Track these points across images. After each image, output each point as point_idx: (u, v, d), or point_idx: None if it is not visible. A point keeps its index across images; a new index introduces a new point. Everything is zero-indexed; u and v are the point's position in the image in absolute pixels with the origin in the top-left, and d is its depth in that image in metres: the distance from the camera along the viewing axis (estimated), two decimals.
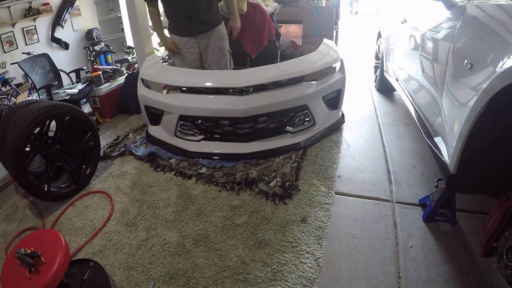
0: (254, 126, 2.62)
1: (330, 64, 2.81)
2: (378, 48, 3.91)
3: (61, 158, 2.32)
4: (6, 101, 4.13)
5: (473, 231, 1.75)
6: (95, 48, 5.50)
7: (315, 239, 1.79)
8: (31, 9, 5.01)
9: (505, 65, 1.23)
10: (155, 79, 2.89)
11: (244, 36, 3.09)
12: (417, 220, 1.89)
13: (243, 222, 1.95)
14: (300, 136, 2.69)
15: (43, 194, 2.21)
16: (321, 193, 2.15)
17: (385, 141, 2.76)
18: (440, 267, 1.59)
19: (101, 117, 3.75)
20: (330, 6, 3.76)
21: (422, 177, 2.25)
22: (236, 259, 1.71)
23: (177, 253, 1.78)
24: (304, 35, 3.82)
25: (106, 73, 4.01)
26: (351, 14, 10.92)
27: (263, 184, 2.24)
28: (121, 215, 2.12)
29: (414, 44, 2.45)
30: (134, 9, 3.16)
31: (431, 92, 2.05)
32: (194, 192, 2.27)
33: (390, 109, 3.43)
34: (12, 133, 2.01)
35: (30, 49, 4.81)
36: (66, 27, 5.66)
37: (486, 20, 1.57)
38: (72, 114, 2.31)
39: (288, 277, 1.58)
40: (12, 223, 2.19)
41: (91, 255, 1.82)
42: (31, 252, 1.33)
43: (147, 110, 2.89)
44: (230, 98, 2.55)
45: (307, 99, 2.62)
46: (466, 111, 1.45)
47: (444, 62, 1.81)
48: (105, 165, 2.72)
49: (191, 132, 2.73)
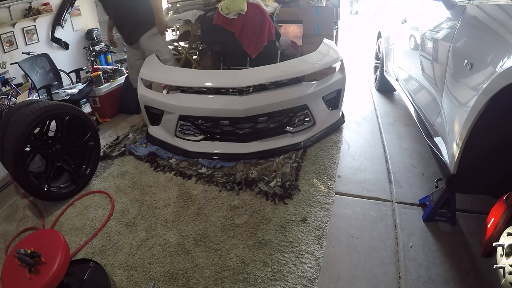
0: (254, 126, 2.62)
1: (330, 64, 2.81)
2: (378, 48, 3.91)
3: (61, 158, 2.32)
4: (6, 101, 4.12)
5: (473, 231, 1.75)
6: (95, 48, 5.50)
7: (315, 239, 1.79)
8: (31, 9, 5.01)
9: (505, 65, 1.23)
10: (155, 79, 2.89)
11: (244, 36, 3.09)
12: (417, 220, 1.89)
13: (243, 222, 1.95)
14: (300, 136, 2.69)
15: (43, 194, 2.21)
16: (321, 193, 2.15)
17: (385, 141, 2.76)
18: (440, 267, 1.59)
19: (101, 117, 3.75)
20: (330, 6, 3.76)
21: (422, 177, 2.25)
22: (236, 259, 1.71)
23: (177, 253, 1.78)
24: (304, 35, 3.81)
25: (106, 73, 4.01)
26: (351, 14, 10.92)
27: (263, 184, 2.24)
28: (121, 215, 2.12)
29: (414, 44, 2.45)
30: None
31: (431, 92, 2.05)
32: (194, 192, 2.27)
33: (390, 109, 3.43)
34: (12, 133, 2.01)
35: (30, 49, 4.81)
36: (66, 27, 5.66)
37: (486, 20, 1.57)
38: (72, 114, 2.31)
39: (288, 277, 1.58)
40: (12, 223, 2.19)
41: (91, 255, 1.82)
42: (31, 252, 1.33)
43: (147, 110, 2.89)
44: (230, 98, 2.55)
45: (307, 99, 2.62)
46: (466, 111, 1.45)
47: (444, 62, 1.81)
48: (105, 165, 2.72)
49: (191, 132, 2.73)
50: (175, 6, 3.55)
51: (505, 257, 1.20)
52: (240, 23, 3.03)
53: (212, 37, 3.37)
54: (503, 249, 1.21)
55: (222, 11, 3.03)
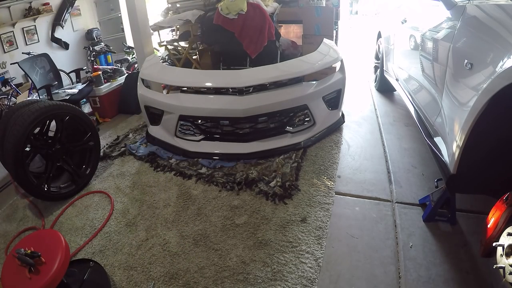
0: (254, 126, 2.62)
1: (330, 64, 2.81)
2: (378, 48, 3.91)
3: (61, 158, 2.32)
4: (6, 101, 4.12)
5: (473, 231, 1.75)
6: (95, 48, 5.49)
7: (315, 239, 1.79)
8: (31, 9, 5.01)
9: (505, 65, 1.23)
10: (155, 79, 2.89)
11: (244, 36, 3.08)
12: (417, 220, 1.88)
13: (243, 222, 1.95)
14: (300, 136, 2.69)
15: (43, 194, 2.21)
16: (321, 193, 2.15)
17: (385, 141, 2.76)
18: (440, 267, 1.59)
19: (101, 117, 3.75)
20: (330, 6, 3.76)
21: (422, 177, 2.25)
22: (236, 259, 1.71)
23: (177, 253, 1.78)
24: (304, 35, 3.81)
25: (106, 73, 4.01)
26: (351, 14, 10.92)
27: (263, 184, 2.23)
28: (121, 215, 2.12)
29: (414, 44, 2.45)
30: (134, 9, 3.16)
31: (431, 92, 2.05)
32: (194, 192, 2.27)
33: (390, 109, 3.43)
34: (12, 133, 2.01)
35: (30, 49, 4.81)
36: (66, 27, 5.65)
37: (486, 20, 1.56)
38: (72, 114, 2.31)
39: (288, 277, 1.58)
40: (12, 223, 2.19)
41: (91, 255, 1.82)
42: (31, 252, 1.33)
43: (147, 110, 2.89)
44: (230, 98, 2.55)
45: (307, 99, 2.61)
46: (466, 111, 1.45)
47: (444, 62, 1.81)
48: (105, 165, 2.72)
49: (191, 132, 2.73)
50: (175, 6, 3.55)
51: (505, 257, 1.20)
52: (240, 23, 3.03)
53: (212, 37, 3.37)
54: (503, 249, 1.21)
55: (222, 11, 3.02)
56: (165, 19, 3.51)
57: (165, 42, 3.69)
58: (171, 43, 3.84)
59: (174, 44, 3.92)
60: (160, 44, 3.65)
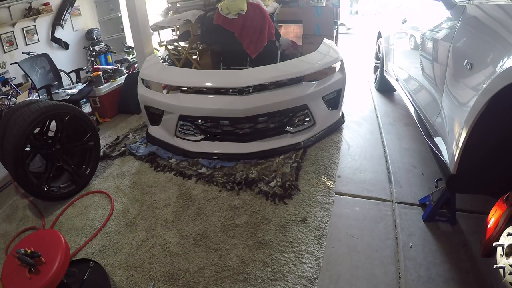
0: (254, 126, 2.62)
1: (330, 64, 2.81)
2: (378, 48, 3.91)
3: (61, 158, 2.32)
4: (6, 101, 4.12)
5: (473, 231, 1.75)
6: (95, 48, 5.49)
7: (315, 239, 1.79)
8: (31, 9, 5.01)
9: (505, 65, 1.23)
10: (155, 79, 2.89)
11: (244, 36, 3.08)
12: (417, 220, 1.88)
13: (243, 222, 1.95)
14: (300, 136, 2.69)
15: (43, 194, 2.21)
16: (321, 193, 2.15)
17: (385, 141, 2.76)
18: (440, 267, 1.59)
19: (101, 117, 3.75)
20: (330, 6, 3.76)
21: (422, 177, 2.25)
22: (236, 259, 1.71)
23: (177, 253, 1.78)
24: (304, 35, 3.81)
25: (106, 73, 4.01)
26: (351, 14, 10.93)
27: (263, 184, 2.23)
28: (121, 215, 2.12)
29: (414, 44, 2.45)
30: (134, 9, 3.16)
31: (431, 92, 2.05)
32: (194, 192, 2.27)
33: (390, 109, 3.43)
34: (12, 133, 2.01)
35: (30, 49, 4.81)
36: (66, 27, 5.65)
37: (486, 20, 1.56)
38: (72, 114, 2.31)
39: (288, 277, 1.58)
40: (12, 223, 2.19)
41: (91, 255, 1.82)
42: (31, 252, 1.33)
43: (147, 110, 2.89)
44: (230, 98, 2.55)
45: (307, 99, 2.61)
46: (466, 111, 1.45)
47: (444, 62, 1.81)
48: (105, 165, 2.72)
49: (191, 132, 2.73)
50: (175, 6, 3.55)
51: (505, 257, 1.20)
52: (240, 23, 3.02)
53: (212, 37, 3.37)
54: (503, 249, 1.21)
55: (222, 11, 3.02)
56: (165, 19, 3.51)
57: (165, 42, 3.69)
58: (171, 43, 3.83)
59: (174, 44, 3.92)
60: (160, 44, 3.65)
